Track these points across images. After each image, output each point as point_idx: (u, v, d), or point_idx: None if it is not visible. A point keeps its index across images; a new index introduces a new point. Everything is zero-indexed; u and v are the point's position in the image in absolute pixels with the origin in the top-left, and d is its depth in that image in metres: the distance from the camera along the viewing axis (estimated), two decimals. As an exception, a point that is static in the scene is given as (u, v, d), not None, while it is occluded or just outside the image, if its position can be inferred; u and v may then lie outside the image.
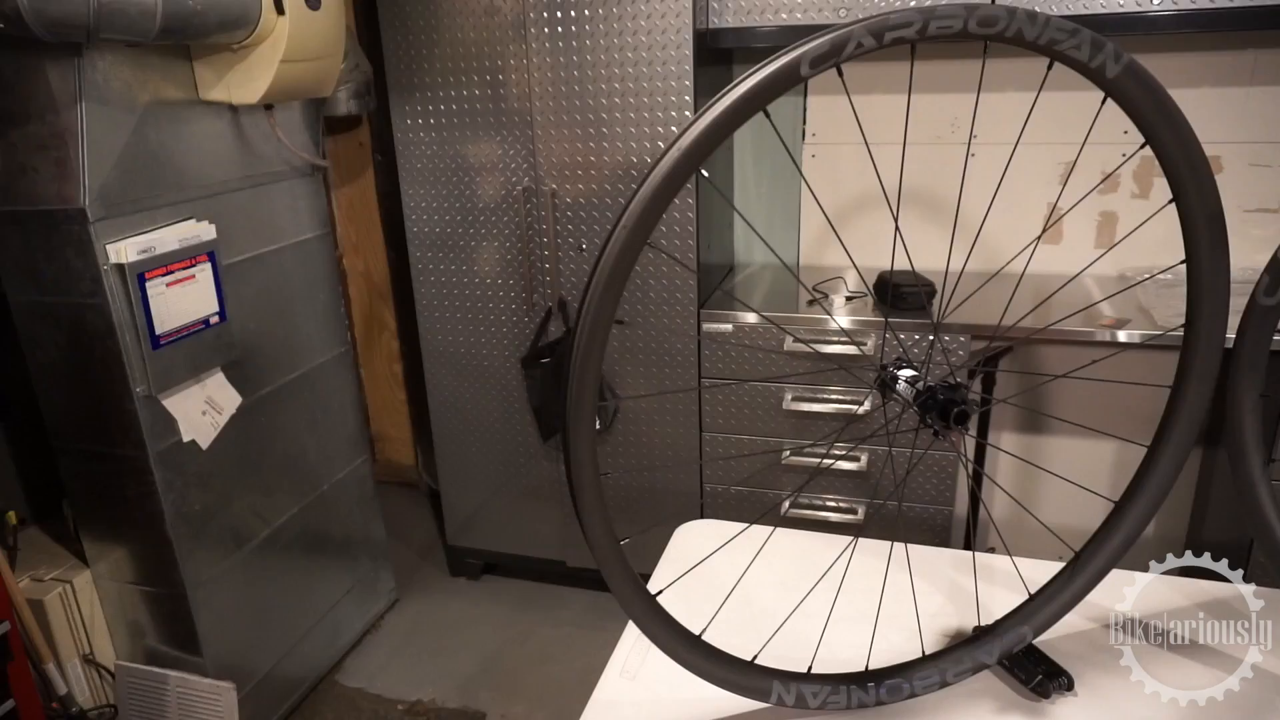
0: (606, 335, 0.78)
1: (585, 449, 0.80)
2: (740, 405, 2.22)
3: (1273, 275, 0.91)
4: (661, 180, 0.74)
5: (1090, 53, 0.80)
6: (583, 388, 0.78)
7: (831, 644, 1.06)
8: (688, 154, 0.74)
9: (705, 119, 0.74)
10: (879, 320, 2.09)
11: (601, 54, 2.06)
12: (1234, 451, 0.97)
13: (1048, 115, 2.25)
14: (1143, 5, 1.87)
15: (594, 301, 0.76)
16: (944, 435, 0.85)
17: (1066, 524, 2.52)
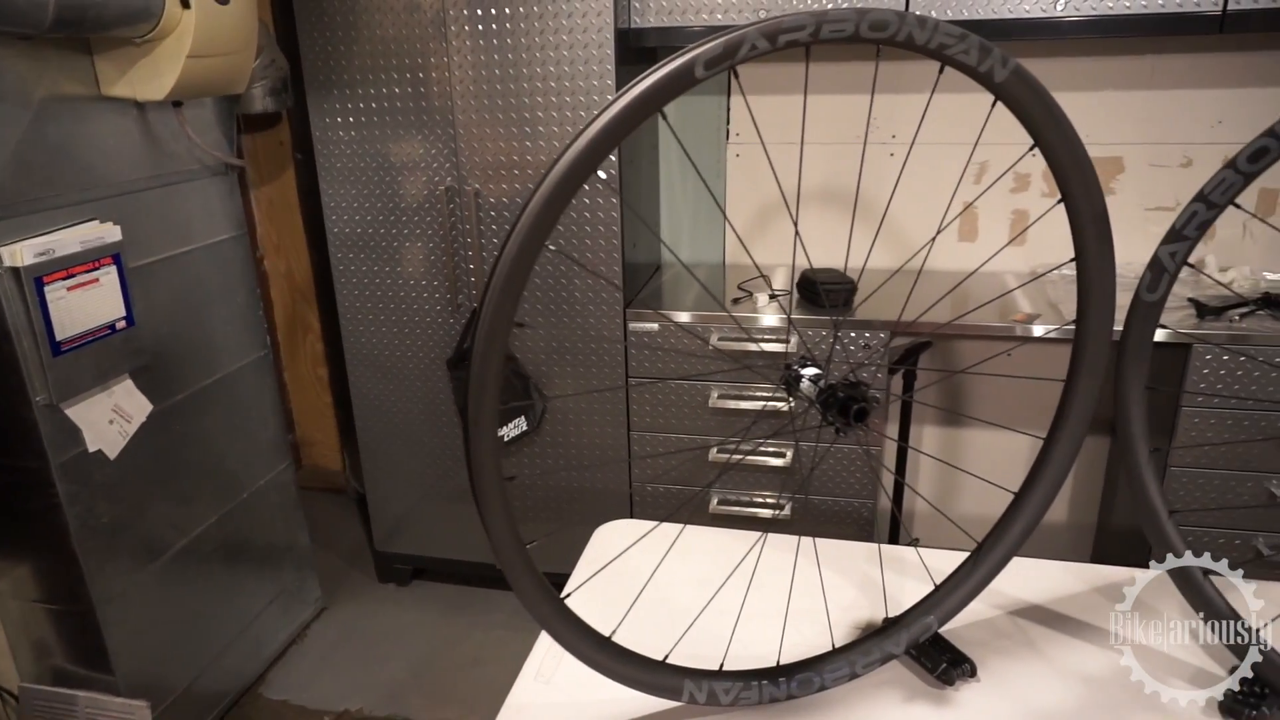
0: (506, 338, 0.78)
1: (487, 452, 0.79)
2: (668, 404, 2.23)
3: (1154, 272, 0.95)
4: (557, 183, 0.74)
5: (978, 57, 0.82)
6: (482, 391, 0.77)
7: (746, 641, 1.07)
8: (582, 156, 0.74)
9: (599, 122, 0.74)
10: (801, 317, 2.12)
11: (523, 53, 2.05)
12: (1122, 441, 1.01)
13: (962, 116, 2.31)
14: (1048, 11, 1.93)
15: (491, 305, 0.76)
16: (845, 431, 0.86)
17: (987, 514, 2.59)
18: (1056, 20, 1.94)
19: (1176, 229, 0.92)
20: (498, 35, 2.05)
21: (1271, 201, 2.24)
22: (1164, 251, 0.93)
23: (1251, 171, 0.87)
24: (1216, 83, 2.17)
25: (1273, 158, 0.86)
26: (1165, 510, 1.01)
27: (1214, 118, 2.19)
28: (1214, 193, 0.89)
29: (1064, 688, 1.00)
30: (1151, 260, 0.95)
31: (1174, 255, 0.93)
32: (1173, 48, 2.17)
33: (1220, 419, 1.96)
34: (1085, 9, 1.92)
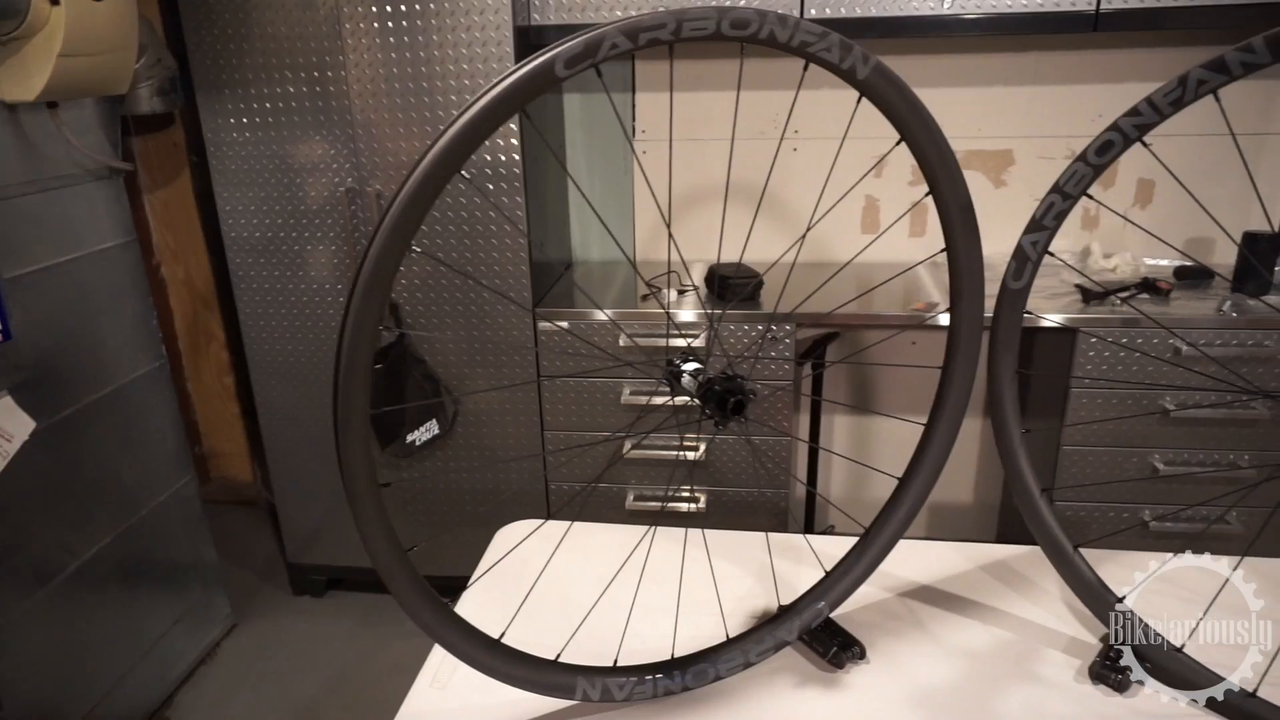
0: (372, 342, 0.76)
1: (358, 459, 0.78)
2: (580, 402, 2.23)
3: (1018, 261, 0.98)
4: (418, 184, 0.73)
5: (840, 55, 0.83)
6: (349, 397, 0.76)
7: (645, 636, 1.08)
8: (444, 157, 0.73)
9: (460, 122, 0.73)
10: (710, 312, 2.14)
11: (421, 51, 2.02)
12: (996, 423, 1.05)
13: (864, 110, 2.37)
14: (936, 9, 1.99)
15: (355, 308, 0.74)
16: (723, 424, 0.87)
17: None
18: (944, 18, 2.00)
19: (1036, 219, 0.96)
20: (394, 34, 2.01)
21: (1149, 191, 2.35)
22: (1026, 241, 0.97)
23: (1100, 164, 0.91)
24: (1095, 78, 2.27)
25: (1118, 150, 0.90)
26: (1037, 488, 1.05)
27: (1094, 111, 2.29)
28: (1068, 184, 0.93)
29: (949, 664, 1.03)
30: (1016, 250, 0.99)
31: (1035, 244, 0.97)
32: (1054, 45, 2.26)
33: (1106, 398, 2.06)
34: (970, 7, 1.98)
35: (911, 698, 0.98)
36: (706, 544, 1.19)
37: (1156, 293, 2.11)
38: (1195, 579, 1.11)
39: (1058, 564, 1.05)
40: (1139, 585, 1.02)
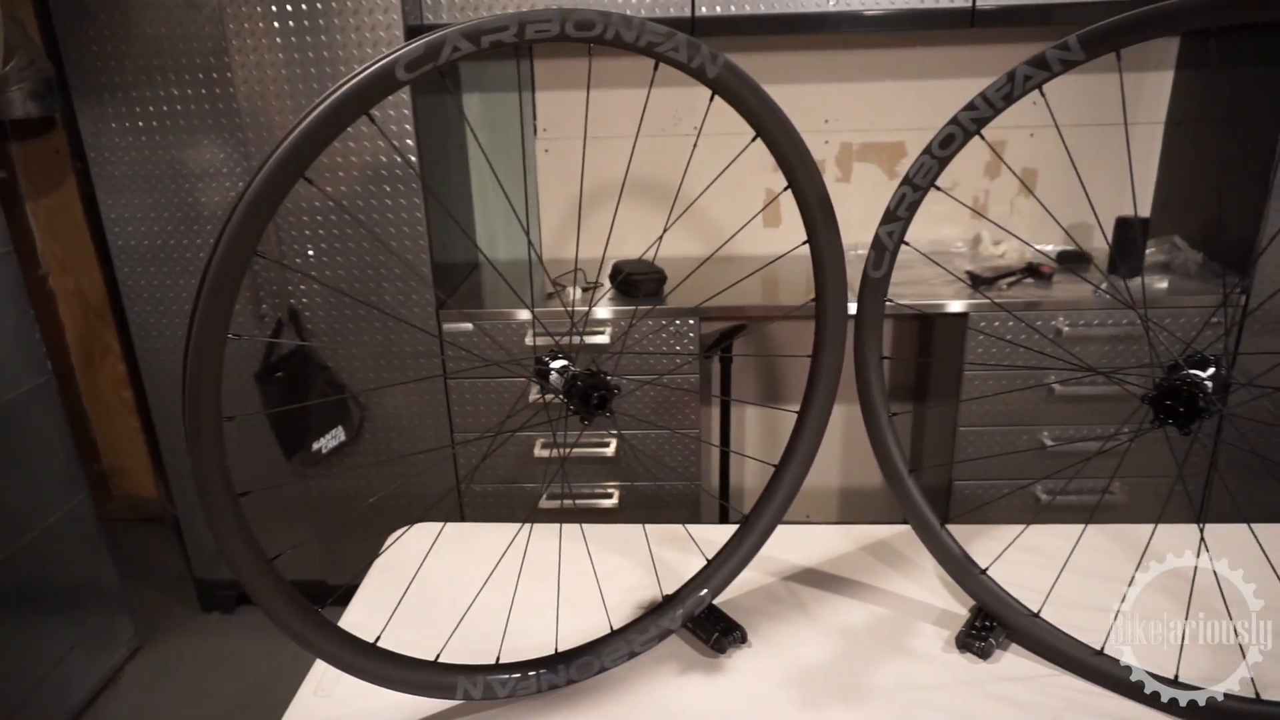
0: (219, 350, 0.75)
1: (212, 470, 0.77)
2: (489, 403, 2.22)
3: (877, 251, 1.02)
4: (259, 190, 0.72)
5: (688, 54, 0.85)
6: (198, 407, 0.75)
7: (533, 631, 1.09)
8: (285, 163, 0.72)
9: (301, 126, 0.72)
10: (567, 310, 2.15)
11: (310, 51, 1.98)
12: (865, 408, 1.09)
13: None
14: (822, 6, 2.04)
15: (200, 317, 0.73)
16: (588, 419, 0.89)
17: (812, 486, 2.73)
18: (831, 14, 2.04)
19: (891, 210, 1.00)
20: (282, 34, 1.97)
21: (1033, 180, 2.45)
22: (883, 231, 1.01)
23: (944, 156, 0.95)
24: (976, 71, 2.35)
25: (959, 143, 0.94)
26: (905, 468, 1.09)
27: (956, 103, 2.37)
28: (917, 176, 0.97)
29: (827, 642, 1.07)
30: (874, 240, 1.02)
31: (891, 234, 1.00)
32: (937, 40, 2.34)
33: (997, 379, 2.14)
34: (855, 4, 2.03)
35: (790, 677, 1.01)
36: (585, 539, 1.20)
37: (1040, 277, 2.20)
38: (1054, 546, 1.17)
39: (926, 540, 1.09)
40: (997, 556, 1.07)
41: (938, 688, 0.99)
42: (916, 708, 0.96)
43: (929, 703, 0.97)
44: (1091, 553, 1.21)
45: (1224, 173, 2.17)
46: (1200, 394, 0.82)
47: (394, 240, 2.12)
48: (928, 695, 0.98)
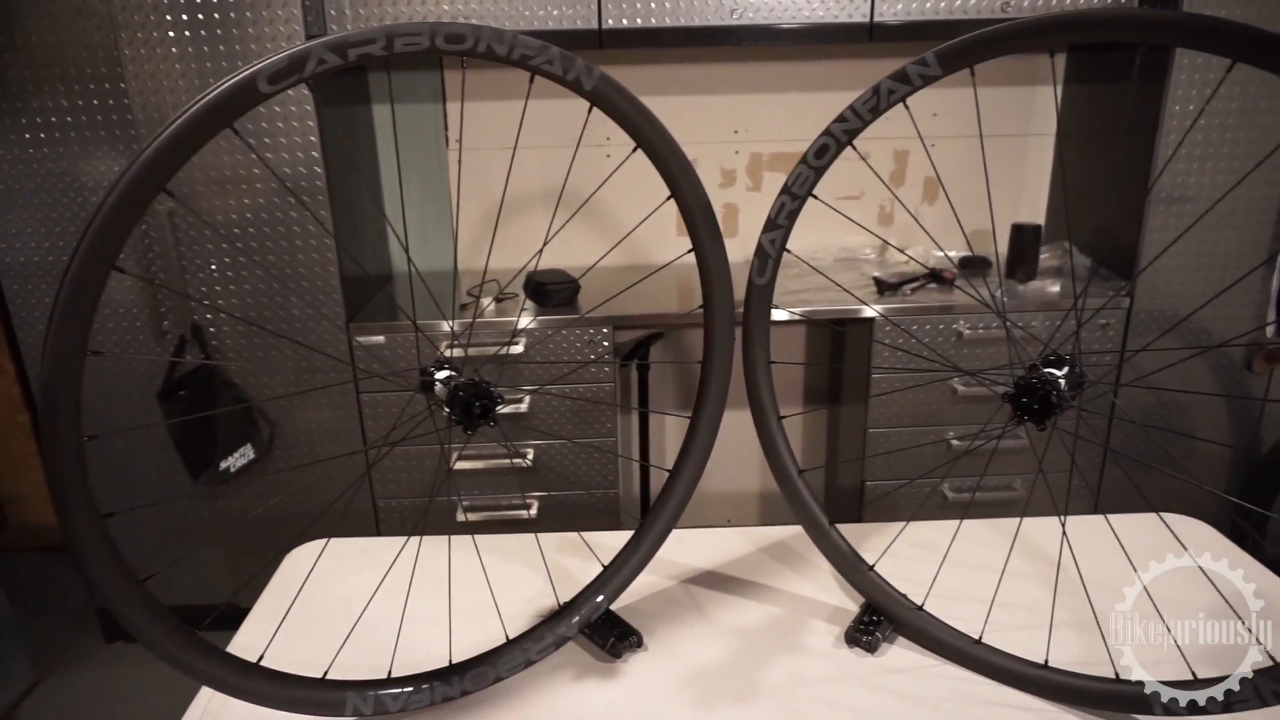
0: (78, 367, 0.73)
1: (73, 491, 0.75)
2: (406, 416, 2.20)
3: (760, 259, 1.05)
4: (116, 204, 0.71)
5: (563, 68, 0.87)
6: (55, 426, 0.73)
7: (430, 644, 1.08)
8: (142, 176, 0.72)
9: (159, 139, 0.72)
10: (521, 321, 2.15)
11: (208, 62, 1.94)
12: (755, 411, 1.11)
13: (678, 115, 2.46)
14: (726, 20, 2.08)
15: (55, 332, 0.71)
16: (471, 429, 0.89)
17: (734, 490, 2.77)
18: (735, 28, 2.09)
19: (772, 219, 1.03)
20: (178, 44, 1.92)
21: (934, 189, 2.54)
22: (765, 239, 1.04)
23: (819, 166, 0.99)
24: (880, 84, 2.43)
25: (833, 153, 0.98)
26: (795, 470, 1.12)
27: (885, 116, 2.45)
28: (795, 185, 1.00)
29: (722, 643, 1.09)
30: (757, 248, 1.05)
31: (773, 242, 1.03)
32: (839, 54, 2.41)
33: (904, 382, 2.21)
34: (758, 18, 2.08)
35: (684, 679, 1.03)
36: (478, 550, 1.20)
37: (942, 282, 2.28)
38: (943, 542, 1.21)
39: (816, 539, 1.12)
40: (883, 553, 1.10)
41: (826, 683, 1.01)
42: (805, 703, 0.98)
43: (817, 698, 0.99)
44: (978, 546, 1.25)
45: (1108, 182, 2.28)
46: (1054, 391, 0.86)
47: (301, 253, 2.08)
48: (817, 690, 1.00)
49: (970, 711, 0.97)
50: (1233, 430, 2.33)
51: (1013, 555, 1.24)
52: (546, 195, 2.48)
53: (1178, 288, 2.15)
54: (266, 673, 0.90)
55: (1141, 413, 2.27)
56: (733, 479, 2.74)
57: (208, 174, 2.01)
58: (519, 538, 1.31)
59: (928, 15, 2.08)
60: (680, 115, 2.47)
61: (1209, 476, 2.39)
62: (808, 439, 2.77)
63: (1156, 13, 0.74)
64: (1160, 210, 2.09)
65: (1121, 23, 0.75)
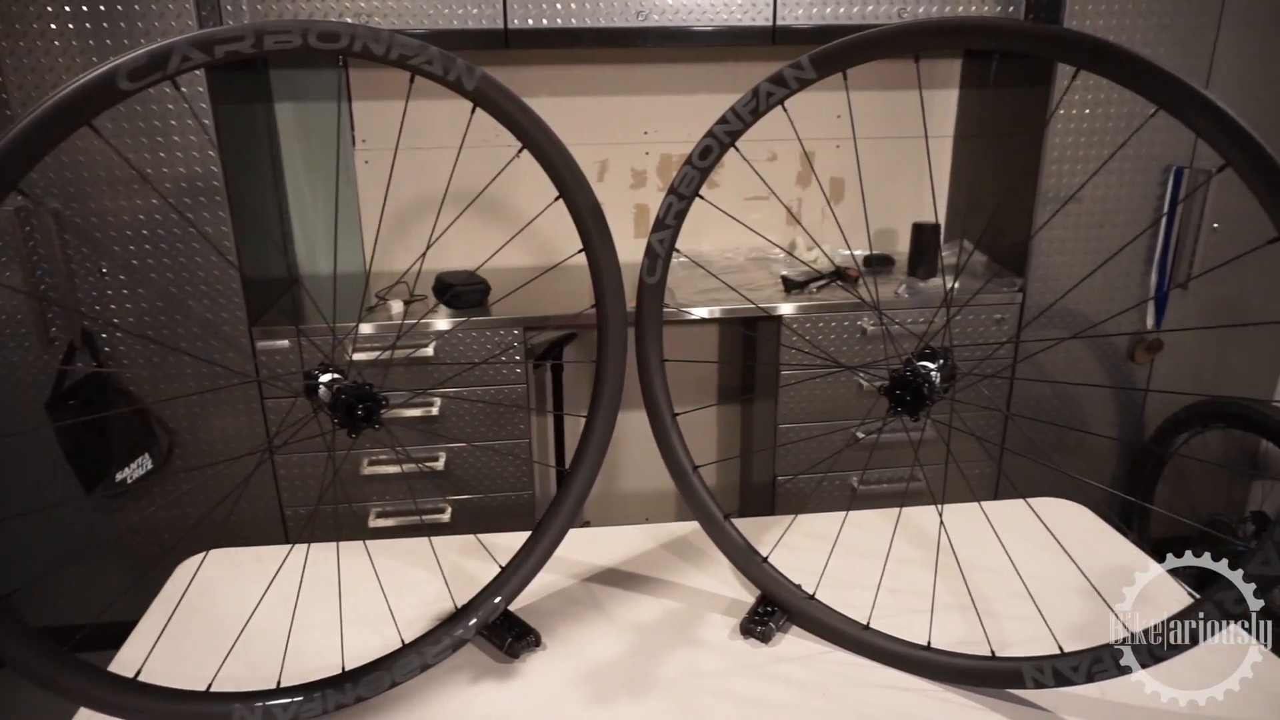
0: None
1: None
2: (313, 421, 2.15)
3: (650, 258, 1.06)
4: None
5: (443, 68, 0.87)
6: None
7: (325, 653, 1.07)
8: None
9: (9, 136, 0.69)
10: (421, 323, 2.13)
11: (94, 57, 1.86)
12: (650, 408, 1.13)
13: (589, 116, 2.46)
14: (633, 22, 2.09)
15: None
16: (354, 433, 0.88)
17: (652, 488, 2.79)
18: (644, 30, 2.10)
19: (660, 219, 1.04)
20: (60, 35, 1.84)
21: (840, 189, 2.61)
22: (654, 239, 1.05)
23: (704, 166, 1.00)
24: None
25: (717, 154, 1.00)
26: (690, 466, 1.14)
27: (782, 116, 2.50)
28: (681, 186, 1.02)
29: (620, 639, 1.10)
30: (646, 248, 1.06)
31: (662, 242, 1.05)
32: (744, 56, 2.45)
33: (796, 376, 2.25)
34: (666, 21, 2.10)
35: (581, 676, 1.03)
36: (370, 554, 1.19)
37: (847, 280, 2.34)
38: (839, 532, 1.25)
39: (712, 533, 1.14)
40: (775, 545, 1.13)
41: (720, 674, 1.03)
42: (699, 695, 1.00)
43: (711, 689, 1.01)
44: (874, 536, 1.29)
45: (1001, 182, 2.37)
46: (926, 384, 0.90)
47: (199, 255, 2.02)
48: (711, 682, 1.02)
49: (857, 695, 1.00)
50: (1120, 418, 2.46)
51: (906, 543, 1.28)
52: (456, 196, 2.46)
53: (1066, 282, 2.25)
54: (144, 688, 0.87)
55: (1036, 404, 2.37)
56: (651, 478, 2.76)
57: (97, 173, 1.93)
58: (418, 542, 1.30)
59: (828, 20, 2.13)
60: (592, 116, 2.48)
61: (1100, 463, 2.51)
62: (724, 435, 2.81)
63: (1006, 21, 0.78)
64: (1048, 209, 2.19)
65: (973, 31, 0.79)
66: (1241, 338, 2.38)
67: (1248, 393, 2.33)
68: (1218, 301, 2.31)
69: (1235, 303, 2.31)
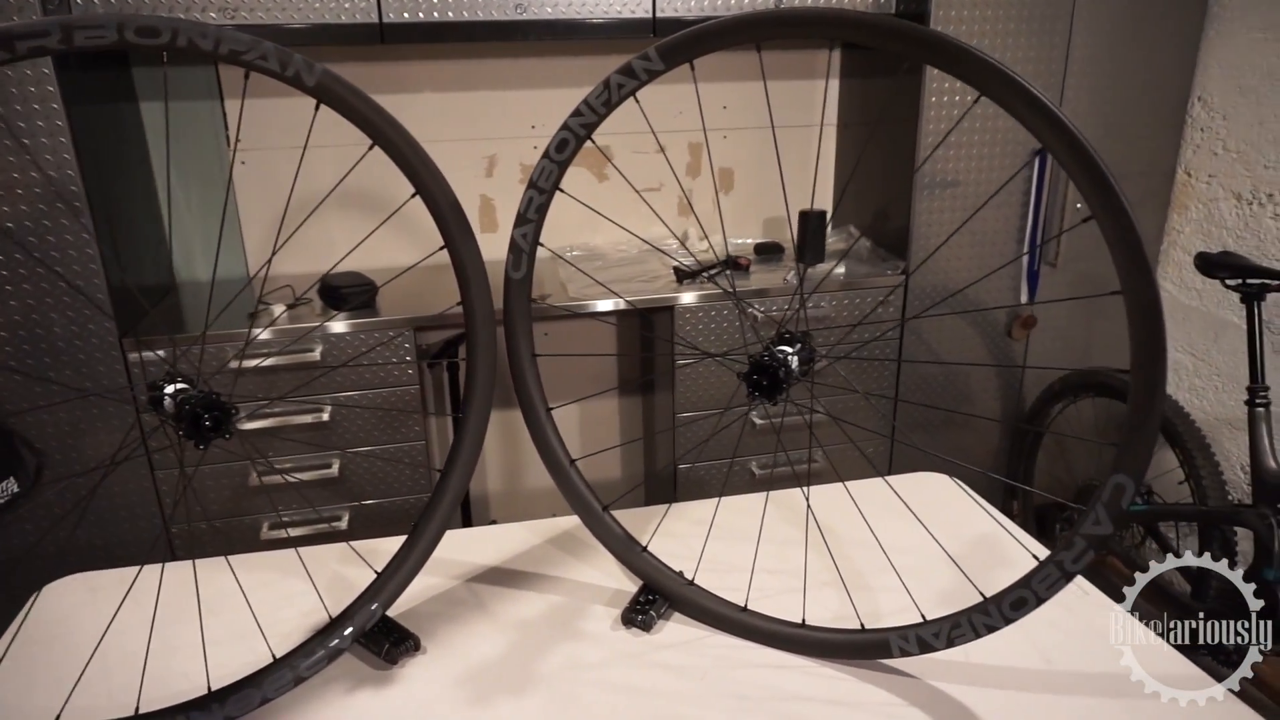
0: None
1: None
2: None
3: (514, 253, 1.05)
4: None
5: (279, 64, 0.84)
6: None
7: (193, 674, 1.03)
8: None
9: None
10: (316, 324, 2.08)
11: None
12: (524, 403, 1.12)
13: (475, 111, 2.43)
14: (512, 15, 2.07)
15: None
16: (203, 444, 0.85)
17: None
18: (521, 23, 2.08)
19: (521, 213, 1.04)
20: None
21: (730, 178, 2.64)
22: (517, 234, 1.04)
23: (561, 160, 1.00)
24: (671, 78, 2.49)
25: (574, 147, 0.99)
26: (567, 459, 1.14)
27: (675, 109, 2.53)
28: (540, 180, 1.01)
29: (502, 638, 1.09)
30: (510, 243, 1.05)
31: (525, 236, 1.04)
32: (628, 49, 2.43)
33: (704, 367, 2.28)
34: (544, 13, 2.09)
35: (461, 678, 1.02)
36: (233, 568, 1.15)
37: (738, 269, 2.38)
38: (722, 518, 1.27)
39: (591, 525, 1.15)
40: (653, 533, 1.14)
41: (601, 665, 1.04)
42: (580, 687, 1.00)
43: (592, 681, 1.01)
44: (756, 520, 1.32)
45: (882, 169, 2.45)
46: (783, 368, 0.91)
47: (60, 265, 1.91)
48: (592, 674, 1.02)
49: (734, 675, 1.02)
50: (1003, 392, 2.57)
51: (790, 524, 1.31)
52: (341, 196, 2.39)
53: (945, 264, 2.33)
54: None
55: (927, 382, 2.46)
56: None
57: (-61, 181, 1.81)
58: (289, 553, 1.26)
59: (707, 11, 2.15)
60: (478, 111, 2.44)
61: (988, 435, 2.62)
62: (627, 425, 2.82)
63: (835, 11, 0.80)
64: (925, 194, 2.27)
65: (807, 21, 0.81)
66: (1105, 311, 2.51)
67: (1113, 363, 2.46)
68: (1084, 277, 2.44)
69: (1098, 278, 2.43)
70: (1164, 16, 2.29)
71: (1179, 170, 2.45)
